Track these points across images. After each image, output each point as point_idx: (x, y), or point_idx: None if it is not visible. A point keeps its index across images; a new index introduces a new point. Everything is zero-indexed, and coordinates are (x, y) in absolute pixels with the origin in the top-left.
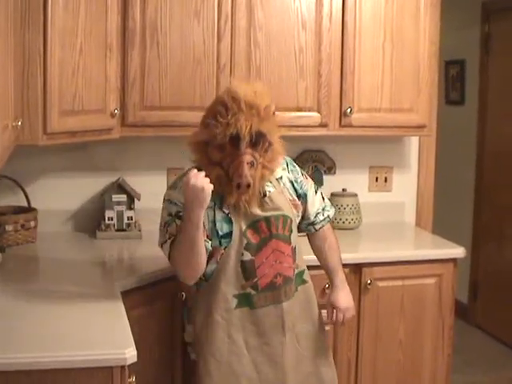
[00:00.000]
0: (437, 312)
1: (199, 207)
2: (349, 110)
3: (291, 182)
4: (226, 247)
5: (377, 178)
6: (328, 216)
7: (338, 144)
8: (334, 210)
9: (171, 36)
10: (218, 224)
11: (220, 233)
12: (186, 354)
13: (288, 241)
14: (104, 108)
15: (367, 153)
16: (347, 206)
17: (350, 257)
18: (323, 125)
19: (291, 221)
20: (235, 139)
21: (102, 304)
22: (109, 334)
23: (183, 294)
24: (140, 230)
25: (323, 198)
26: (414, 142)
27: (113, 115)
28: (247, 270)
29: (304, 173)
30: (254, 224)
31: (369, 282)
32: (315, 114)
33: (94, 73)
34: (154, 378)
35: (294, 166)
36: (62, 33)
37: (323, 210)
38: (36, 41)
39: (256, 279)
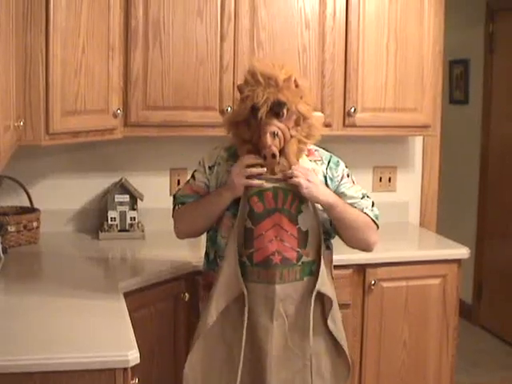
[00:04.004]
0: (441, 313)
1: (231, 195)
2: (352, 109)
3: (325, 177)
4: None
5: (381, 178)
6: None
7: (341, 144)
8: (377, 214)
9: (174, 35)
10: None
11: None
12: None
13: (294, 220)
14: (106, 108)
15: (371, 153)
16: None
17: (353, 257)
18: (327, 125)
19: (300, 200)
20: (255, 111)
21: (105, 305)
22: (111, 336)
23: (186, 294)
24: (143, 231)
25: (373, 205)
26: (418, 142)
27: (115, 115)
28: (247, 239)
29: (353, 178)
30: (261, 192)
31: (373, 282)
32: (319, 114)
33: (97, 72)
34: (157, 380)
35: (337, 166)
36: (64, 32)
37: (362, 209)
38: (38, 41)
39: (252, 250)
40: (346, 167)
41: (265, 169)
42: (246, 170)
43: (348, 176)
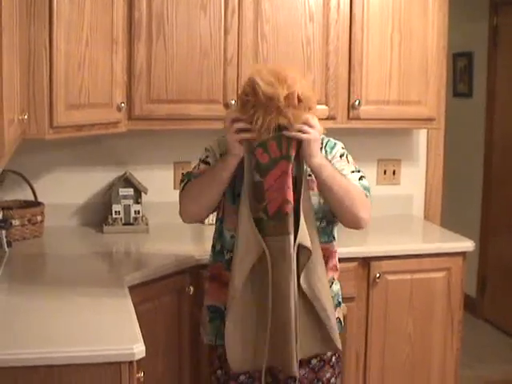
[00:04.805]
0: (446, 306)
1: (231, 157)
2: (357, 102)
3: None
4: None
5: (385, 171)
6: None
7: (345, 137)
8: (366, 186)
9: (178, 28)
10: (237, 181)
11: (235, 190)
12: (193, 349)
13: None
14: (110, 101)
15: (375, 146)
16: None
17: (358, 250)
18: (331, 117)
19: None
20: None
21: (110, 299)
22: (117, 330)
23: (191, 288)
24: (147, 224)
25: (361, 178)
26: (422, 135)
27: (119, 108)
28: (258, 193)
29: (348, 158)
30: (264, 143)
31: (377, 275)
32: (323, 107)
33: (100, 66)
34: (162, 374)
35: (332, 149)
36: (67, 26)
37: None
38: (42, 34)
39: (265, 203)
40: (343, 148)
41: (249, 126)
42: (232, 126)
43: (341, 156)
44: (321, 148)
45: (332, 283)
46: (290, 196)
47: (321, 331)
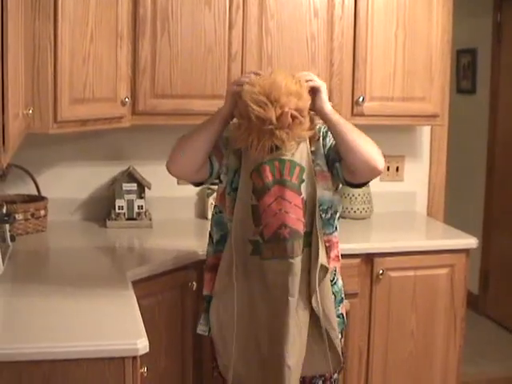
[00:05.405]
0: (449, 303)
1: (224, 105)
2: (361, 99)
3: (323, 145)
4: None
5: (388, 168)
6: None
7: None
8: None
9: (182, 24)
10: (236, 175)
11: (233, 185)
12: (196, 344)
13: (297, 190)
14: (114, 96)
15: (379, 142)
16: (358, 195)
17: (361, 247)
18: None
19: (301, 169)
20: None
21: (113, 294)
22: (120, 325)
23: (194, 283)
24: (150, 219)
25: None
26: (425, 132)
27: (123, 103)
28: (255, 216)
29: None
30: (258, 167)
31: (381, 272)
32: None
33: (105, 61)
34: (165, 369)
35: (328, 132)
36: (72, 21)
37: None
38: (46, 29)
39: (261, 227)
40: None
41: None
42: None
43: None
44: (318, 138)
45: (334, 276)
46: (291, 221)
47: (330, 350)
